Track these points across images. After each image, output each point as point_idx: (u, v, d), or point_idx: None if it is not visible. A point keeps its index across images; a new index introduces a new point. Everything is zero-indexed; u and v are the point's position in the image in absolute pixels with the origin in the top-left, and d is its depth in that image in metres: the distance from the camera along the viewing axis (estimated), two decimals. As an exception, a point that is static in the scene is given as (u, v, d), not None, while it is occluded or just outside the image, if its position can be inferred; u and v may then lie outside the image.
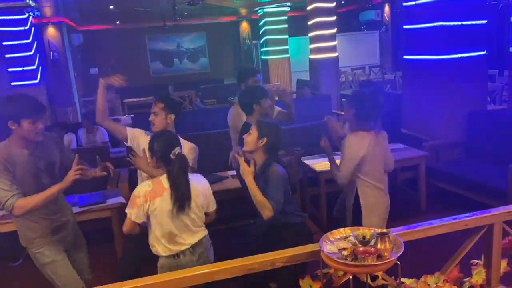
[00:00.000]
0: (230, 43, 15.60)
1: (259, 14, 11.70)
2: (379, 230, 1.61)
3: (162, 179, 2.26)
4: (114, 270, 3.27)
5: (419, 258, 2.91)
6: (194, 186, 2.30)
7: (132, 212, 2.21)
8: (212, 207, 2.44)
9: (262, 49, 12.16)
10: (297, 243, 1.95)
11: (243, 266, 1.80)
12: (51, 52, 9.69)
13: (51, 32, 9.80)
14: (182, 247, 2.28)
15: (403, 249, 1.59)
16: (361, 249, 1.57)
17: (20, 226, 2.44)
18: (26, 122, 2.25)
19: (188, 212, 2.27)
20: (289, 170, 2.58)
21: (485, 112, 5.08)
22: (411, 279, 2.03)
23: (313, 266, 1.91)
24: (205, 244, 2.39)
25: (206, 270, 1.80)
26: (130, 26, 14.05)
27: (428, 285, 2.01)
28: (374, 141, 2.68)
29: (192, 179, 2.30)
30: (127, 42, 14.14)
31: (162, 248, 2.28)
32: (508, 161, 3.78)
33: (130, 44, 14.23)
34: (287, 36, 11.41)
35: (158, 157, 2.28)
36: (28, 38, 7.98)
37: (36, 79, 8.02)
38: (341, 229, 1.76)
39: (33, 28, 8.26)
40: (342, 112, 4.42)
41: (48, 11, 9.48)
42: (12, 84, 7.62)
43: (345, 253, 1.60)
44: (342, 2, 12.75)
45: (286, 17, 11.35)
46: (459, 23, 4.67)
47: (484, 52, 4.89)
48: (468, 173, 4.28)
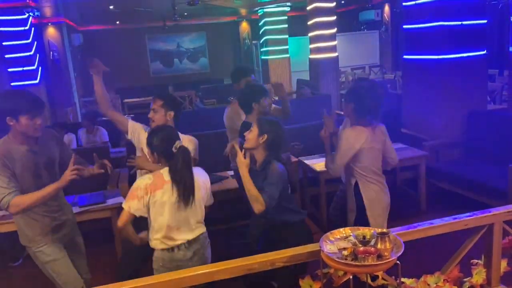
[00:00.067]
0: (230, 43, 15.61)
1: (259, 14, 11.70)
2: (379, 230, 1.61)
3: (162, 172, 2.24)
4: (114, 270, 3.26)
5: (419, 258, 2.91)
6: (196, 179, 2.29)
7: (131, 205, 2.18)
8: (209, 201, 2.44)
9: (262, 49, 12.16)
10: (298, 243, 1.95)
11: (243, 266, 1.80)
12: (51, 52, 9.67)
13: (51, 32, 9.79)
14: (178, 242, 2.26)
15: (403, 249, 1.60)
16: (361, 249, 1.57)
17: (20, 224, 2.43)
18: (24, 117, 2.24)
19: (191, 205, 2.25)
20: (288, 167, 2.57)
21: (485, 112, 5.08)
22: (411, 279, 2.03)
23: (313, 266, 1.91)
24: (202, 241, 2.36)
25: (206, 270, 1.80)
26: (130, 26, 14.06)
27: (428, 285, 2.01)
28: (372, 136, 2.67)
29: (194, 172, 2.29)
30: (127, 42, 14.13)
31: (159, 241, 2.26)
32: (508, 161, 3.78)
33: (130, 44, 14.23)
34: (287, 36, 11.41)
35: (159, 152, 2.25)
36: (28, 38, 7.97)
37: (36, 79, 8.01)
38: (341, 229, 1.76)
39: (33, 28, 8.26)
40: (342, 112, 4.41)
41: (48, 11, 9.48)
42: (12, 84, 7.61)
43: (345, 253, 1.60)
44: (342, 2, 12.75)
45: (286, 17, 11.35)
46: (459, 23, 4.67)
47: (484, 52, 4.89)
48: (468, 173, 4.28)
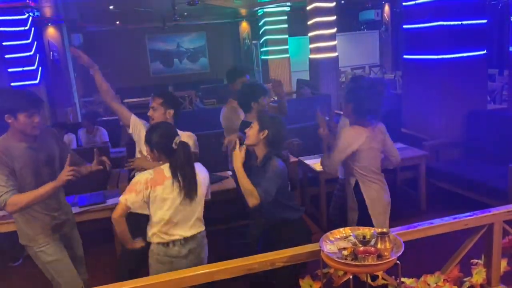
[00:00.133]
0: (230, 43, 15.59)
1: (259, 14, 11.70)
2: (379, 230, 1.61)
3: (163, 168, 2.23)
4: (114, 270, 3.26)
5: (419, 258, 2.91)
6: (197, 175, 2.28)
7: (128, 197, 2.16)
8: (207, 197, 2.43)
9: (262, 49, 12.15)
10: (297, 240, 1.95)
11: (243, 266, 1.80)
12: (51, 52, 9.66)
13: (51, 32, 9.78)
14: (174, 237, 2.24)
15: (403, 249, 1.60)
16: (361, 248, 1.57)
17: (20, 224, 2.42)
18: (22, 115, 2.24)
19: (193, 201, 2.25)
20: (288, 163, 2.56)
21: (485, 111, 5.08)
22: (411, 279, 2.04)
23: (313, 266, 1.91)
24: (199, 240, 2.34)
25: (206, 270, 1.80)
26: (130, 26, 14.04)
27: (428, 284, 2.01)
28: (371, 137, 2.66)
29: (195, 168, 2.29)
30: (127, 42, 14.12)
31: (156, 235, 2.25)
32: (508, 161, 3.78)
33: (130, 44, 14.21)
34: (287, 36, 11.40)
35: (159, 148, 2.23)
36: (28, 39, 7.96)
37: (36, 79, 8.01)
38: (341, 229, 1.76)
39: (33, 28, 8.25)
40: (341, 112, 4.41)
41: (48, 11, 9.47)
42: (12, 84, 7.61)
43: (345, 252, 1.60)
44: (342, 1, 12.75)
45: (286, 17, 11.34)
46: (459, 22, 4.67)
47: (484, 52, 4.89)
48: (468, 173, 4.28)
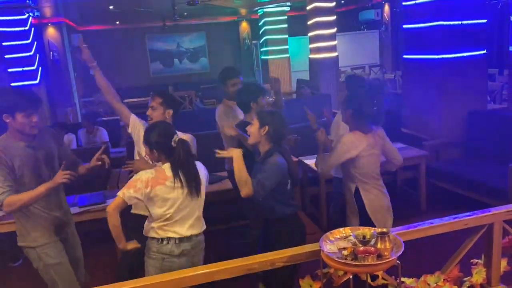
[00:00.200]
0: (230, 43, 15.58)
1: (259, 14, 11.70)
2: (379, 230, 1.61)
3: (164, 167, 2.22)
4: (114, 270, 3.26)
5: (419, 258, 2.91)
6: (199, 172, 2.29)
7: (126, 192, 2.14)
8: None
9: (262, 49, 12.16)
10: (291, 238, 1.95)
11: (243, 266, 1.80)
12: (51, 53, 9.67)
13: (51, 32, 9.78)
14: (169, 234, 2.23)
15: (403, 249, 1.60)
16: (361, 248, 1.57)
17: (22, 224, 2.41)
18: (20, 115, 2.23)
19: (195, 199, 2.24)
20: (288, 158, 2.56)
21: (485, 111, 5.08)
22: (411, 279, 2.04)
23: (313, 266, 1.91)
24: (194, 243, 2.30)
25: (206, 270, 1.80)
26: (130, 26, 14.04)
27: (428, 284, 2.01)
28: (372, 143, 2.64)
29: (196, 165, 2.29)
30: (127, 42, 14.12)
31: (152, 230, 2.25)
32: (508, 161, 3.78)
33: (130, 44, 14.21)
34: (287, 36, 11.40)
35: (158, 148, 2.22)
36: (28, 39, 7.96)
37: (36, 79, 8.01)
38: (341, 229, 1.76)
39: (33, 29, 8.25)
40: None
41: (48, 11, 9.48)
42: (12, 84, 7.60)
43: (345, 252, 1.60)
44: (342, 1, 12.75)
45: (285, 17, 11.34)
46: (459, 22, 4.67)
47: (484, 52, 4.89)
48: (468, 173, 4.28)
